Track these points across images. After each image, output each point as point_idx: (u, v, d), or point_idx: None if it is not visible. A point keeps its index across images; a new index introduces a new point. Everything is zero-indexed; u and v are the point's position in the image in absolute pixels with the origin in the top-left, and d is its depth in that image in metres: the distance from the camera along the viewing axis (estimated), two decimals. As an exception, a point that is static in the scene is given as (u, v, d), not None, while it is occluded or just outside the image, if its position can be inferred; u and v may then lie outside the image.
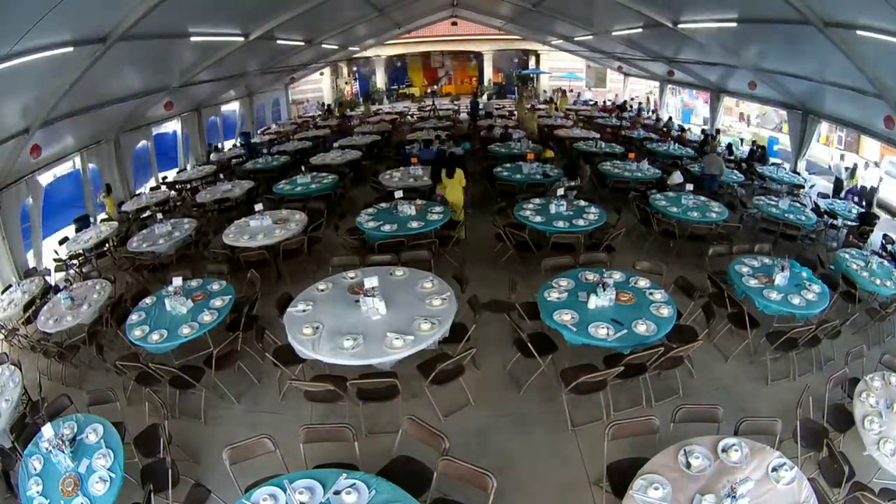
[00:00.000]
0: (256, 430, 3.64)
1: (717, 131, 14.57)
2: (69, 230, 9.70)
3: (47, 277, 7.52)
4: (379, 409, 4.43)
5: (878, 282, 5.81)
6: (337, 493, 3.02)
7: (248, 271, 6.09)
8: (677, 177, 9.36)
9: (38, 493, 3.39)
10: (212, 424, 4.70)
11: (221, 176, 11.18)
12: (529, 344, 4.61)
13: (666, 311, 4.71)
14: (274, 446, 3.49)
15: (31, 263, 8.13)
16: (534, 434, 4.41)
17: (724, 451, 3.23)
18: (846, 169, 11.53)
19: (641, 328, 4.42)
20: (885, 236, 7.82)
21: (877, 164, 12.41)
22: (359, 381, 4.18)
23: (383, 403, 4.31)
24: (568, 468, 4.07)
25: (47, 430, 3.67)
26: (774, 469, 3.11)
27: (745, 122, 19.54)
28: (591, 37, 14.67)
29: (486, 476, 3.10)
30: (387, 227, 6.93)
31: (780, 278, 5.36)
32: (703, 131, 15.43)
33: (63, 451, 3.54)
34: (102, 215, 10.19)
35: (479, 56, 26.39)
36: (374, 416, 4.44)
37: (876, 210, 9.69)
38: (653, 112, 19.84)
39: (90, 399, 4.35)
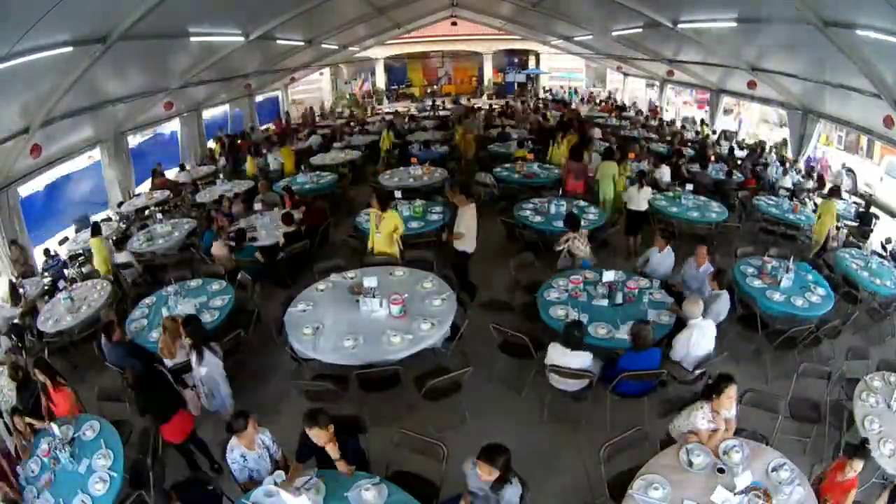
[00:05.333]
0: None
1: (715, 132, 14.54)
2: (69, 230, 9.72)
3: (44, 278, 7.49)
4: (380, 407, 4.43)
5: (878, 282, 5.81)
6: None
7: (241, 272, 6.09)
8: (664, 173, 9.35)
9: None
10: (212, 424, 4.69)
11: (221, 176, 11.19)
12: (529, 342, 4.60)
13: (666, 317, 4.74)
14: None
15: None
16: (534, 435, 4.41)
17: (724, 452, 3.23)
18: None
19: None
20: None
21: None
22: (362, 371, 4.17)
23: (384, 401, 4.31)
24: (567, 468, 4.08)
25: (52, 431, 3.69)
26: (775, 469, 3.12)
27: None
28: (590, 37, 14.66)
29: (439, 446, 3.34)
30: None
31: (784, 280, 5.36)
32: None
33: (64, 452, 3.55)
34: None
35: (479, 56, 26.39)
36: (375, 415, 4.43)
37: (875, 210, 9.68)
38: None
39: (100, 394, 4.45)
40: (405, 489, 3.15)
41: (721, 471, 3.08)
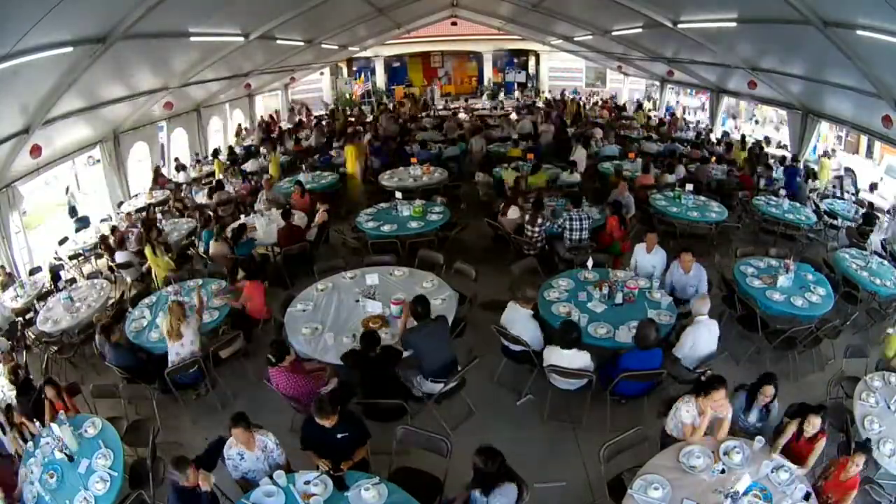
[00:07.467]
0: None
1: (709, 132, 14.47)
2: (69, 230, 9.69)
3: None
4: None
5: (878, 282, 5.80)
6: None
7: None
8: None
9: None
10: (210, 424, 4.69)
11: (221, 176, 11.19)
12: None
13: (666, 317, 4.74)
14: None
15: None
16: (534, 435, 4.41)
17: (725, 453, 3.23)
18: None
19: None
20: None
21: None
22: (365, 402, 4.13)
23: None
24: (567, 468, 4.08)
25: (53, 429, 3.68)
26: (775, 470, 3.12)
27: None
28: (590, 37, 14.64)
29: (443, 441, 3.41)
30: (386, 228, 6.93)
31: (783, 280, 5.34)
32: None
33: (63, 451, 3.54)
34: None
35: (478, 56, 26.38)
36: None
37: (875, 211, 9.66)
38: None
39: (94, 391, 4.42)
40: (408, 486, 3.15)
41: (721, 471, 3.08)
